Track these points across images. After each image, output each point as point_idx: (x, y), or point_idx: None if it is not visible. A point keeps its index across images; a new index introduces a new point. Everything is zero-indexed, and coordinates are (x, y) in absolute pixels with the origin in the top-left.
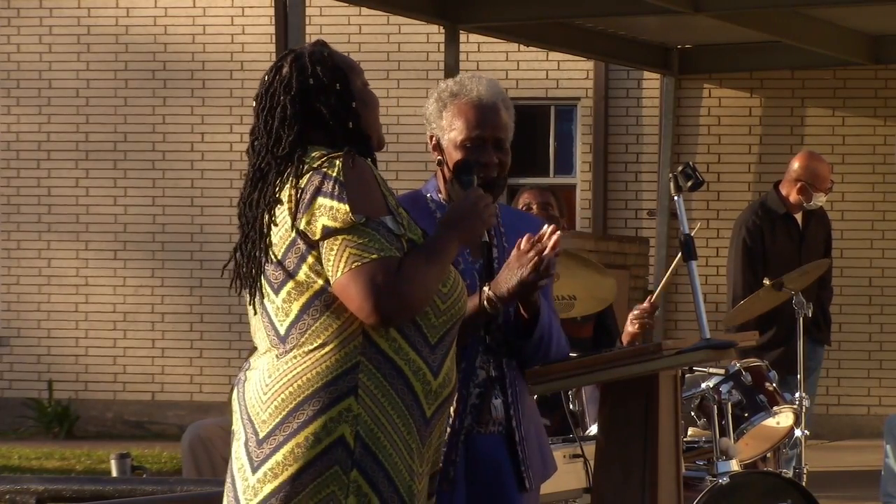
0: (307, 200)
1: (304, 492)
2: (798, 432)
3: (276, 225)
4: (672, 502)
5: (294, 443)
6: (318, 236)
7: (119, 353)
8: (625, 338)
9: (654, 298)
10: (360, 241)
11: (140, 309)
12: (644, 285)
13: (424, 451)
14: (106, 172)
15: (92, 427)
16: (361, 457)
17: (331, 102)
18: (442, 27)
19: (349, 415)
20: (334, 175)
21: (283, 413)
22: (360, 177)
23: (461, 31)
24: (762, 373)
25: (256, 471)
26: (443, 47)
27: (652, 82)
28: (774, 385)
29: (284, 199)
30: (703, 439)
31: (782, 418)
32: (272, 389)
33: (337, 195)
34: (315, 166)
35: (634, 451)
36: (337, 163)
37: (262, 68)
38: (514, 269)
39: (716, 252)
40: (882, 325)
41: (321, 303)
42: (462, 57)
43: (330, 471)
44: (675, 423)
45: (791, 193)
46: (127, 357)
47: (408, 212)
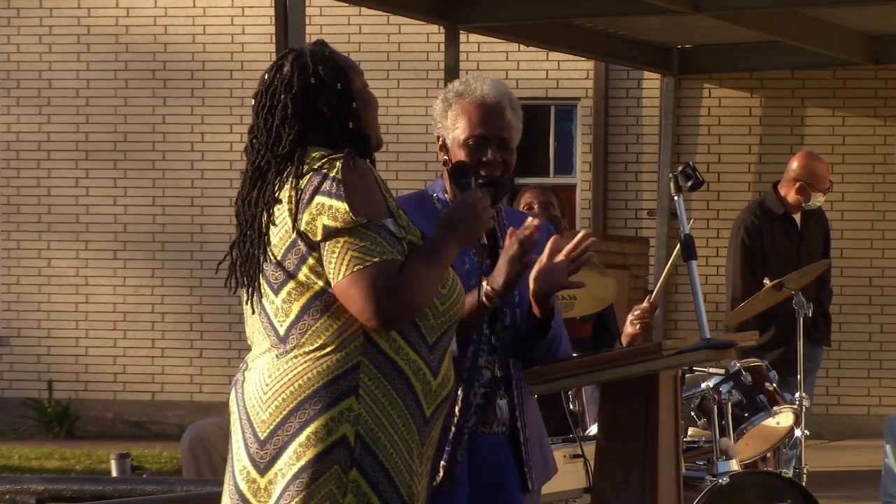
0: (307, 200)
1: (307, 491)
2: (798, 432)
3: (276, 225)
4: (672, 502)
5: (297, 442)
6: (319, 237)
7: (119, 353)
8: (624, 338)
9: (653, 297)
10: (361, 243)
11: (140, 309)
12: (644, 285)
13: (424, 450)
14: (106, 172)
15: (92, 427)
16: (361, 456)
17: (332, 102)
18: (442, 27)
19: (350, 414)
20: (334, 175)
21: (283, 413)
22: (361, 178)
23: (461, 31)
24: (762, 373)
25: (265, 472)
26: (443, 47)
27: (652, 82)
28: (774, 385)
29: (284, 199)
30: (703, 439)
31: (782, 418)
32: (272, 389)
33: (336, 194)
34: (315, 167)
35: (634, 451)
36: (337, 164)
37: (261, 68)
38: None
39: (716, 252)
40: (882, 325)
41: (321, 304)
42: (462, 57)
43: (330, 470)
44: (675, 423)
45: (790, 193)
46: (127, 357)
47: (407, 213)
